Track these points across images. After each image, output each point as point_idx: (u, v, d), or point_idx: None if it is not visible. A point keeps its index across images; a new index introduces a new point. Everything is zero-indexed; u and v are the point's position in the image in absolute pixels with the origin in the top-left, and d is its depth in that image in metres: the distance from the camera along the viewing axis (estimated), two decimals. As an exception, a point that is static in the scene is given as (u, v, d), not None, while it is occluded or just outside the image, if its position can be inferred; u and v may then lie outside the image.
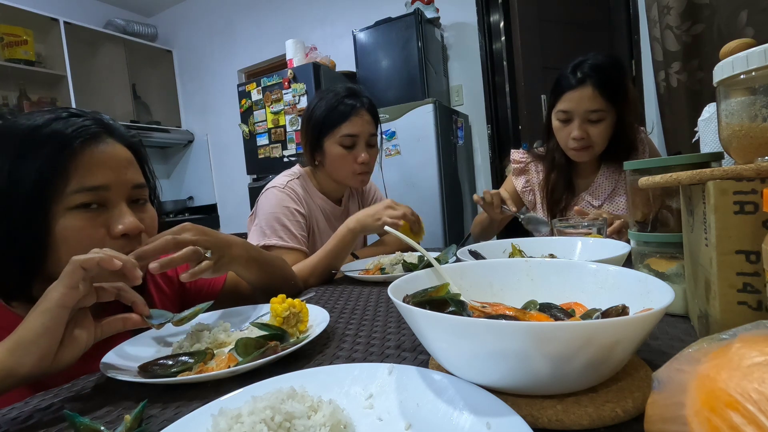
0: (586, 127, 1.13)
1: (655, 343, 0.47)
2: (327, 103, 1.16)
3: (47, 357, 0.45)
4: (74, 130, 0.56)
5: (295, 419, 0.32)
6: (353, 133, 1.15)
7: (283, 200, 1.14)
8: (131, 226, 0.58)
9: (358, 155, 1.16)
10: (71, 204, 0.56)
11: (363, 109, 1.17)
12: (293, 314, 0.60)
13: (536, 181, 1.35)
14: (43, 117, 0.57)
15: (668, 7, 1.54)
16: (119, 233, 0.58)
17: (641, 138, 1.24)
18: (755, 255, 0.37)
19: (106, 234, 0.58)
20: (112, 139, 0.60)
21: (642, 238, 0.59)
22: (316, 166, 1.24)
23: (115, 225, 0.58)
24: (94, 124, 0.59)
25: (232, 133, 3.80)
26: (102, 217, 0.58)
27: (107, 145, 0.59)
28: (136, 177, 0.63)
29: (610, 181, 1.25)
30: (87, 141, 0.57)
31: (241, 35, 3.90)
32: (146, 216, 0.64)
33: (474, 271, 0.54)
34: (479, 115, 2.90)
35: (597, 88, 1.09)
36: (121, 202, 0.59)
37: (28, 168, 0.54)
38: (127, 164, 0.61)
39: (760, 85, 0.39)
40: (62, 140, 0.55)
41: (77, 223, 0.56)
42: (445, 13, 2.88)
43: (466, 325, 0.32)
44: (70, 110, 0.60)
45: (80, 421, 0.37)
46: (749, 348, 0.22)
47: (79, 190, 0.56)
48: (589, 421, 0.32)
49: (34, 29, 3.29)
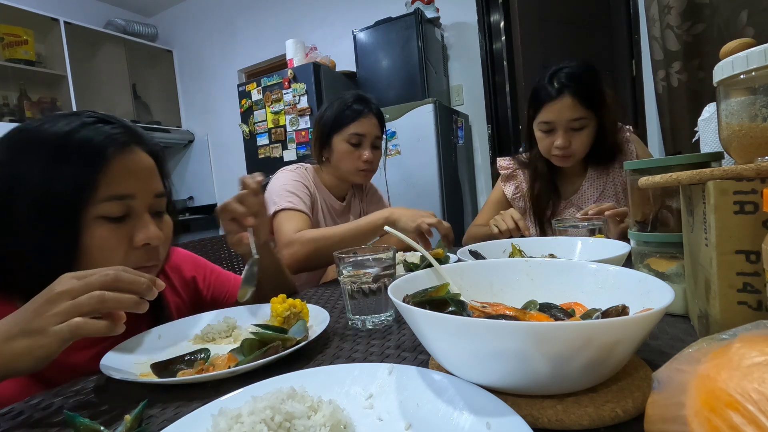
0: (569, 135, 1.15)
1: (655, 343, 0.47)
2: (339, 104, 1.28)
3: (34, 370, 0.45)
4: (105, 137, 0.56)
5: (295, 419, 0.32)
6: (361, 132, 1.25)
7: (294, 177, 1.24)
8: (153, 236, 0.59)
9: (363, 153, 1.26)
10: (99, 213, 0.56)
11: (371, 113, 1.28)
12: (293, 314, 0.60)
13: (525, 187, 1.36)
14: (70, 123, 0.56)
15: (668, 7, 1.54)
16: (140, 243, 0.58)
17: (627, 137, 1.25)
18: (755, 255, 0.37)
19: (128, 244, 0.58)
20: (139, 148, 0.61)
21: (642, 238, 0.59)
22: (322, 163, 1.33)
23: (139, 235, 0.58)
24: (123, 132, 0.59)
25: (233, 133, 3.80)
26: (126, 227, 0.58)
27: (135, 154, 0.60)
28: (159, 186, 0.63)
29: (597, 184, 1.27)
30: (118, 150, 0.57)
31: (241, 35, 3.90)
32: (164, 226, 0.64)
33: (474, 271, 0.54)
34: (479, 115, 2.90)
35: (576, 96, 1.10)
36: (144, 212, 0.60)
37: (60, 175, 0.54)
38: (152, 173, 0.62)
39: (760, 85, 0.39)
40: (94, 149, 0.55)
41: (103, 233, 0.56)
42: (445, 12, 2.88)
43: (466, 325, 0.32)
44: (95, 115, 0.59)
45: (80, 421, 0.37)
46: (749, 348, 0.22)
47: (108, 198, 0.56)
48: (589, 421, 0.32)
49: (34, 29, 3.29)
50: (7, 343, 0.43)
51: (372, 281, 0.60)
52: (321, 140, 1.30)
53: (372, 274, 0.60)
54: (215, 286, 0.84)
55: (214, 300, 0.83)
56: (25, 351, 0.43)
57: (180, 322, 0.66)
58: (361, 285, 0.60)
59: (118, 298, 0.45)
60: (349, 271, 0.61)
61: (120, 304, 0.45)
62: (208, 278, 0.84)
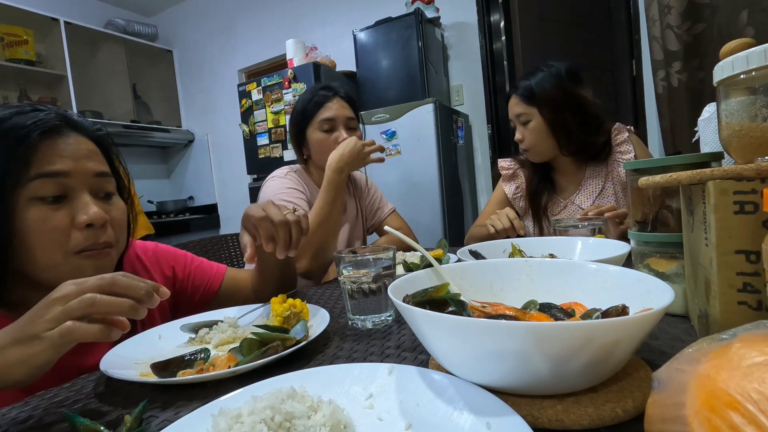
0: (521, 130, 1.29)
1: (655, 343, 0.47)
2: (304, 98, 1.26)
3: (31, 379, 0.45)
4: (34, 122, 0.56)
5: (295, 419, 0.32)
6: (330, 117, 1.22)
7: (287, 184, 1.21)
8: (95, 216, 0.58)
9: (339, 137, 1.20)
10: (32, 194, 0.55)
11: (337, 96, 1.24)
12: (294, 314, 0.60)
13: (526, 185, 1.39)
14: (5, 111, 0.57)
15: (669, 7, 1.54)
16: (83, 223, 0.57)
17: (626, 138, 1.26)
18: (755, 255, 0.37)
19: (71, 225, 0.57)
20: (75, 132, 0.60)
21: (642, 238, 0.59)
22: (306, 162, 1.31)
23: (79, 215, 0.57)
24: (56, 117, 0.59)
25: (233, 133, 3.80)
26: (65, 208, 0.57)
27: (68, 137, 0.59)
28: (99, 166, 0.62)
29: (596, 184, 1.28)
30: (47, 133, 0.57)
31: (241, 35, 3.90)
32: (113, 208, 0.63)
33: (474, 271, 0.54)
34: (479, 115, 2.90)
35: (517, 96, 1.28)
36: (83, 193, 0.59)
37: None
38: (89, 154, 0.61)
39: (760, 85, 0.39)
40: (21, 131, 0.55)
41: (39, 214, 0.55)
42: (445, 12, 2.88)
43: (466, 325, 0.32)
44: (34, 105, 0.60)
45: (80, 421, 0.37)
46: (749, 348, 0.22)
47: (37, 176, 0.55)
48: (589, 421, 0.32)
49: (34, 29, 3.29)
50: (0, 353, 0.43)
51: (372, 281, 0.60)
52: (297, 139, 1.28)
53: (372, 274, 0.60)
54: (195, 274, 0.83)
55: (195, 288, 0.82)
56: (18, 360, 0.42)
57: (180, 322, 0.66)
58: (361, 285, 0.60)
59: (111, 301, 0.44)
60: (349, 271, 0.61)
61: (113, 307, 0.44)
62: (187, 267, 0.83)
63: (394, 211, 1.45)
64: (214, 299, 0.83)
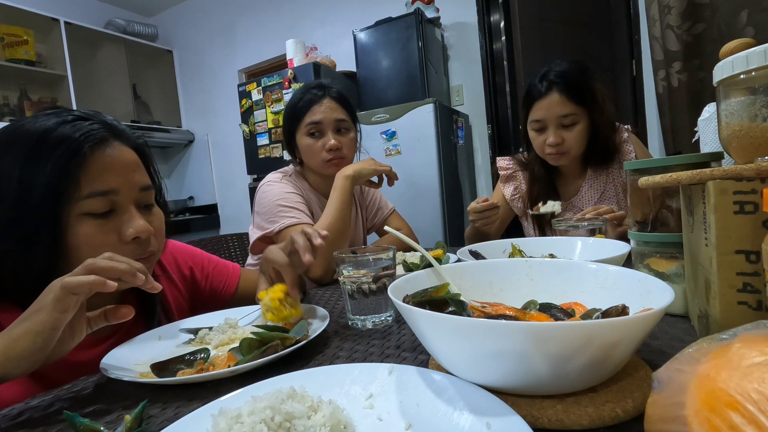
0: (560, 132, 1.15)
1: (655, 343, 0.47)
2: (294, 97, 1.21)
3: (39, 363, 0.46)
4: (82, 134, 0.56)
5: (295, 419, 0.32)
6: (316, 120, 1.16)
7: (284, 188, 1.17)
8: (141, 230, 0.59)
9: (326, 142, 1.16)
10: (83, 210, 0.56)
11: (326, 97, 1.18)
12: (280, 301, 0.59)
13: (524, 188, 1.35)
14: (49, 121, 0.56)
15: (669, 7, 1.54)
16: (130, 237, 0.58)
17: (625, 138, 1.24)
18: (755, 255, 0.37)
19: (118, 239, 0.58)
20: (119, 142, 0.60)
21: (642, 238, 0.59)
22: (300, 164, 1.27)
23: (126, 229, 0.58)
24: (102, 127, 0.59)
25: (233, 133, 3.80)
26: (112, 222, 0.58)
27: (114, 148, 0.59)
28: (143, 179, 0.63)
29: (597, 185, 1.25)
30: (95, 145, 0.57)
31: (241, 35, 3.90)
32: (154, 218, 0.64)
33: (474, 271, 0.54)
34: (479, 115, 2.90)
35: (563, 93, 1.12)
36: (130, 206, 0.60)
37: (38, 174, 0.53)
38: (134, 166, 0.62)
39: (760, 85, 0.39)
40: (71, 145, 0.55)
41: (89, 229, 0.56)
42: (445, 12, 2.88)
43: (466, 325, 0.32)
44: (74, 113, 0.59)
45: (80, 421, 0.37)
46: (749, 348, 0.22)
47: (90, 195, 0.56)
48: (589, 421, 0.32)
49: (34, 29, 3.29)
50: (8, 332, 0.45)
51: (372, 281, 0.60)
52: (288, 142, 1.25)
53: (372, 274, 0.60)
54: (213, 276, 0.84)
55: (212, 291, 0.83)
56: (22, 331, 0.44)
57: (180, 323, 0.66)
58: (361, 285, 0.60)
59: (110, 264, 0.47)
60: (349, 271, 0.61)
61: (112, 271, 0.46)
62: (205, 269, 0.84)
63: (395, 211, 1.44)
64: (230, 303, 0.84)
